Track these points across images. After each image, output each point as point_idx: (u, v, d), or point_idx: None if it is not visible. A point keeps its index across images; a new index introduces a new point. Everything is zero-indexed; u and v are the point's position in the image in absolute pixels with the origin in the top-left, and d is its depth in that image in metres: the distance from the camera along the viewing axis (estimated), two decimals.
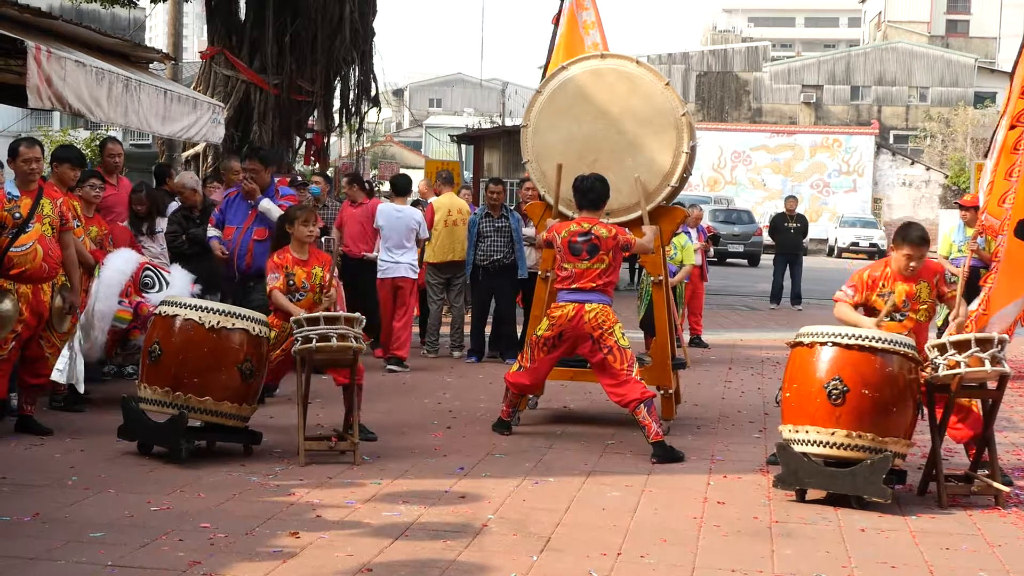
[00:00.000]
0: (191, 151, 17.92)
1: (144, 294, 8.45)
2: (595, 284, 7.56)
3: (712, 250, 17.67)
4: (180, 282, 8.59)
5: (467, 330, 12.11)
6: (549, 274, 8.30)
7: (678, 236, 12.00)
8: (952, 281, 7.33)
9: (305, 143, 19.33)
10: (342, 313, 7.17)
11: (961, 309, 7.00)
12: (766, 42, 62.00)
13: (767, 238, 23.80)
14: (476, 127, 33.97)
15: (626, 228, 7.88)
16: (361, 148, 23.02)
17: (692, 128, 8.51)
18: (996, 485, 6.48)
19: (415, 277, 11.38)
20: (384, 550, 5.21)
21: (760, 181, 48.06)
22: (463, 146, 27.53)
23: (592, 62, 8.73)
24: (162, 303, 7.21)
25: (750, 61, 56.84)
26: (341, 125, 19.73)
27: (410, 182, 12.26)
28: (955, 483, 6.61)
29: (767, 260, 21.24)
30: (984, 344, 6.41)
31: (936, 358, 6.48)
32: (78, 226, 8.03)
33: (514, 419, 8.16)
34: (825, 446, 6.31)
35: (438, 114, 69.15)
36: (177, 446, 6.78)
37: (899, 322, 6.89)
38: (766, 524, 5.93)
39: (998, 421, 7.01)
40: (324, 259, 7.72)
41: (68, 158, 8.48)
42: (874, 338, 6.37)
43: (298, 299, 7.45)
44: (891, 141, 53.62)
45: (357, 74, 18.88)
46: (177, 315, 6.97)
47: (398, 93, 64.24)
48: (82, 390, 8.18)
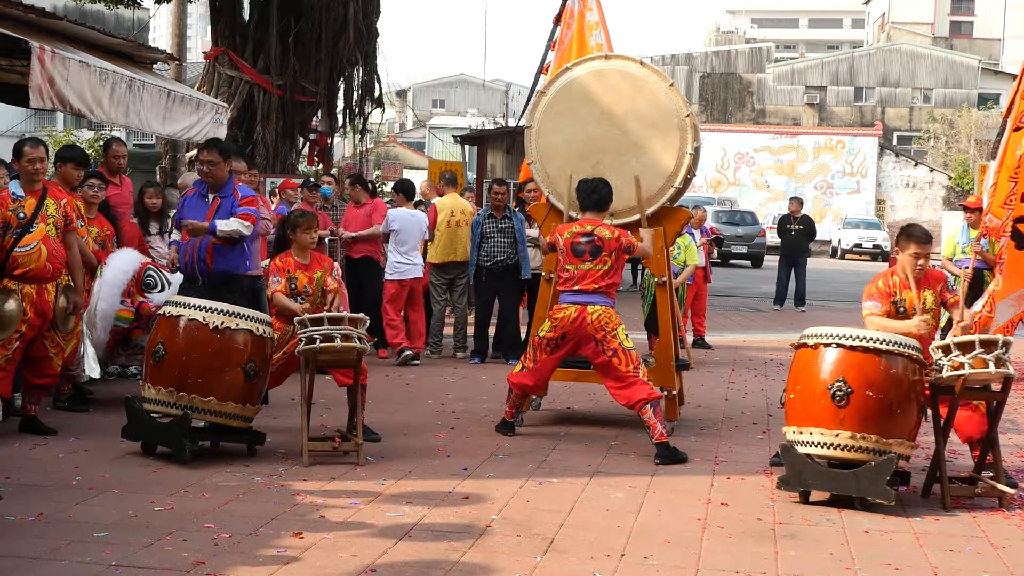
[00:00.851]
0: (194, 151, 17.93)
1: (146, 294, 8.48)
2: (597, 286, 7.56)
3: (716, 251, 17.68)
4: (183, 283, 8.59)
5: (470, 331, 12.12)
6: (553, 275, 8.30)
7: (682, 237, 12.00)
8: (953, 288, 7.34)
9: (309, 144, 19.36)
10: (346, 314, 7.17)
11: (965, 313, 7.01)
12: (770, 43, 62.05)
13: (771, 239, 23.87)
14: (479, 128, 33.94)
15: (628, 231, 7.88)
16: (364, 149, 23.07)
17: (696, 129, 8.50)
18: (1000, 487, 6.48)
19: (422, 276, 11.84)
20: (388, 551, 5.21)
21: (763, 182, 48.08)
22: (466, 147, 27.50)
23: (596, 63, 8.73)
24: (166, 303, 7.22)
25: (754, 62, 56.88)
26: (345, 126, 19.75)
27: (415, 186, 13.04)
28: (959, 485, 6.61)
29: (771, 261, 21.26)
30: (988, 346, 6.40)
31: (940, 359, 6.48)
32: (82, 226, 8.04)
33: (517, 420, 8.16)
34: (829, 447, 6.30)
35: (441, 115, 69.12)
36: (181, 446, 6.78)
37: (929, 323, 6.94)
38: (770, 525, 5.93)
39: (1002, 423, 7.00)
40: (326, 263, 7.74)
41: (72, 158, 8.49)
42: (878, 339, 6.37)
43: (299, 303, 7.47)
44: (895, 142, 53.62)
45: (361, 75, 18.91)
46: (181, 315, 6.97)
47: (401, 94, 64.21)
48: (97, 375, 8.22)
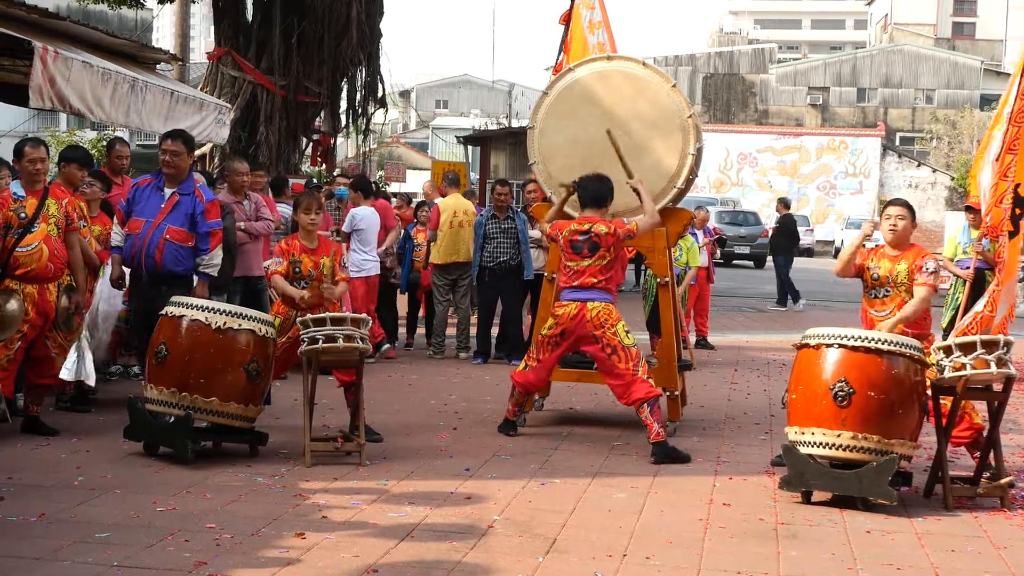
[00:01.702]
0: (197, 152, 17.93)
1: None
2: (596, 280, 7.57)
3: (719, 252, 17.69)
4: None
5: (473, 331, 12.12)
6: (556, 276, 8.30)
7: (684, 239, 12.00)
8: (931, 271, 7.00)
9: (312, 144, 19.38)
10: (348, 314, 7.17)
11: (888, 323, 6.79)
12: (772, 44, 61.95)
13: None
14: (482, 128, 33.91)
15: (624, 219, 7.83)
16: (368, 149, 23.08)
17: (698, 130, 8.50)
18: (1002, 482, 6.47)
19: None
20: (390, 551, 5.21)
21: (766, 183, 48.00)
22: (470, 147, 27.50)
23: (598, 64, 8.72)
24: (169, 303, 7.22)
25: (756, 63, 56.81)
26: (348, 126, 19.78)
27: (371, 183, 13.58)
28: (961, 485, 6.60)
29: (771, 263, 21.30)
30: (990, 346, 6.40)
31: (942, 360, 6.48)
32: (84, 226, 8.04)
33: (520, 419, 8.16)
34: (831, 448, 6.30)
35: (445, 115, 69.09)
36: (183, 447, 6.78)
37: (885, 298, 6.88)
38: (772, 526, 5.93)
39: (1004, 423, 6.99)
40: (333, 249, 7.71)
41: (76, 158, 8.50)
42: (880, 340, 6.37)
43: (303, 287, 7.46)
44: (897, 143, 53.55)
45: (364, 75, 18.93)
46: (184, 316, 6.98)
47: (405, 94, 64.19)
48: (92, 383, 8.17)
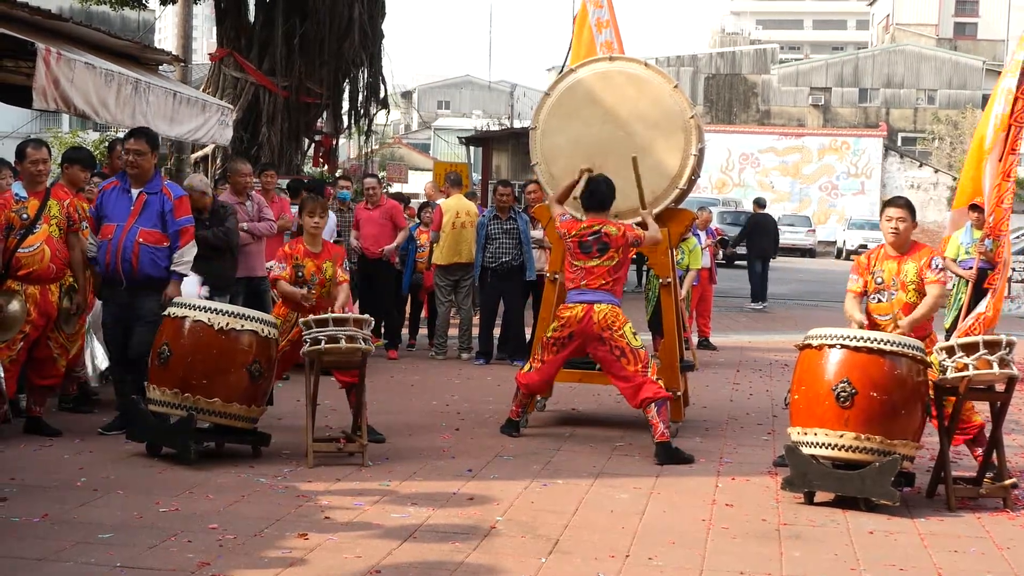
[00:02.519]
0: (200, 153, 17.97)
1: None
2: (603, 282, 7.56)
3: (721, 253, 17.69)
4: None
5: (475, 332, 12.13)
6: (558, 276, 8.30)
7: (686, 240, 12.00)
8: (940, 269, 7.00)
9: (314, 145, 19.39)
10: (351, 315, 7.17)
11: (906, 321, 6.76)
12: (774, 45, 61.98)
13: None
14: (484, 129, 33.90)
15: (633, 224, 7.88)
16: (369, 150, 23.07)
17: (701, 130, 8.49)
18: (1005, 483, 6.47)
19: None
20: (392, 552, 5.21)
21: (768, 183, 47.97)
22: (471, 148, 27.50)
23: (600, 64, 8.72)
24: (171, 304, 7.22)
25: (758, 63, 56.81)
26: (350, 127, 19.79)
27: (324, 185, 13.32)
28: (963, 485, 6.60)
29: (773, 263, 21.29)
30: (992, 347, 6.40)
31: (944, 361, 6.48)
32: (85, 227, 8.05)
33: (522, 420, 8.16)
34: (833, 448, 6.30)
35: (447, 116, 69.12)
36: (186, 447, 6.79)
37: (887, 303, 6.86)
38: (774, 526, 5.93)
39: (1006, 423, 6.98)
40: (337, 253, 7.71)
41: (79, 159, 8.51)
42: (882, 340, 6.36)
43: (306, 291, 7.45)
44: (899, 143, 53.54)
45: (366, 76, 18.95)
46: (186, 317, 6.98)
47: (406, 95, 64.18)
48: (103, 367, 8.26)
